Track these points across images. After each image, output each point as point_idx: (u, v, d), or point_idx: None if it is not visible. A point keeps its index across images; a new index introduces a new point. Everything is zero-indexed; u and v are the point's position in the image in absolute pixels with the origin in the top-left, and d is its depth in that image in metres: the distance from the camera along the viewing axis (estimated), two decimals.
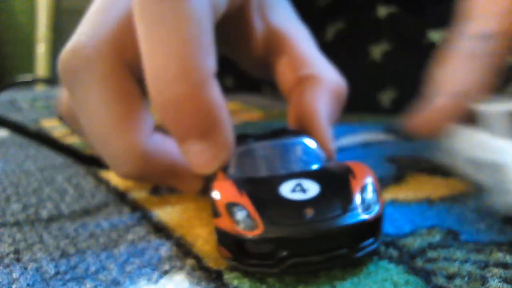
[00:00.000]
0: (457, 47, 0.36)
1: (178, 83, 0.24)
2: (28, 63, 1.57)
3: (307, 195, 0.23)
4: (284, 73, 0.36)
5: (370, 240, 0.23)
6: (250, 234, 0.21)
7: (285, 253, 0.21)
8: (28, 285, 0.22)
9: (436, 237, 0.26)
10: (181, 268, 0.23)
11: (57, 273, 0.23)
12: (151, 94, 0.25)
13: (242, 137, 0.30)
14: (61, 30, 1.61)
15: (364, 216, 0.22)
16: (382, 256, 0.24)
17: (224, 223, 0.22)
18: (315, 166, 0.27)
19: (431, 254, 0.24)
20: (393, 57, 0.59)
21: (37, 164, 0.44)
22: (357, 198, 0.23)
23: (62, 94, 0.33)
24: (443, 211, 0.29)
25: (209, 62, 0.26)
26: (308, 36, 0.39)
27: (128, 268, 0.24)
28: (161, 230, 0.28)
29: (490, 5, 0.36)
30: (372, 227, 0.23)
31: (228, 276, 0.23)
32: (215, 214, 0.23)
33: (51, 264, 0.24)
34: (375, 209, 0.23)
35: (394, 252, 0.24)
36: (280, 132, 0.31)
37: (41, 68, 1.50)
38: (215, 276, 0.23)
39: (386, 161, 0.41)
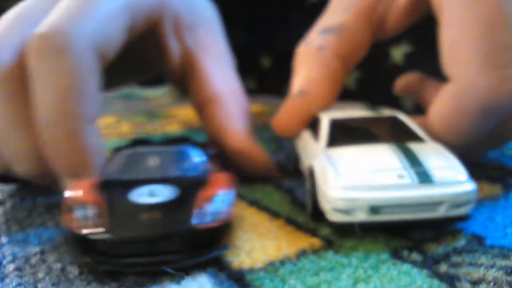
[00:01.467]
0: (307, 42, 0.37)
1: (54, 126, 0.28)
2: None
3: (154, 200, 0.24)
4: (192, 93, 0.40)
5: (208, 248, 0.23)
6: (88, 232, 0.22)
7: (113, 253, 0.22)
8: (53, 284, 0.23)
9: (461, 242, 0.25)
10: (203, 269, 0.23)
11: (81, 273, 0.24)
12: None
13: (139, 142, 0.31)
14: None
15: (200, 225, 0.23)
16: (406, 260, 0.24)
17: (68, 220, 0.23)
18: (187, 174, 0.28)
19: (456, 259, 0.24)
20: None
21: None
22: (200, 207, 0.24)
23: None
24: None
25: (88, 108, 0.29)
26: (223, 55, 0.41)
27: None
28: None
29: (336, 1, 0.39)
30: (210, 236, 0.23)
31: (250, 277, 0.23)
32: (64, 211, 0.24)
33: (75, 265, 0.24)
34: (215, 219, 0.23)
35: (418, 257, 0.24)
36: (176, 140, 0.32)
37: None
38: (237, 277, 0.23)
39: None
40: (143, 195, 0.24)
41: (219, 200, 0.24)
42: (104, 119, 0.77)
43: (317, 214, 0.28)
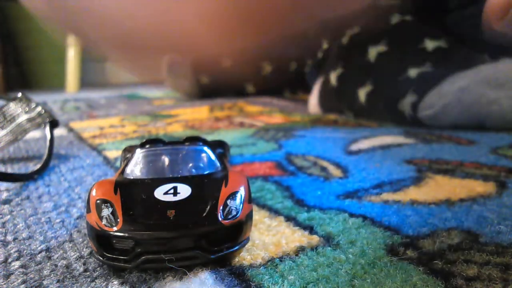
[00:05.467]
0: None
1: None
2: (60, 67, 1.61)
3: (176, 198, 0.25)
4: None
5: (227, 244, 0.24)
6: (109, 230, 0.23)
7: (139, 250, 0.23)
8: (58, 281, 0.23)
9: (456, 239, 0.26)
10: (205, 265, 0.24)
11: (85, 270, 0.24)
12: None
13: (151, 141, 0.32)
14: None
15: (226, 221, 0.24)
16: (402, 257, 0.24)
17: (91, 218, 0.24)
18: (204, 172, 0.28)
19: (451, 256, 0.24)
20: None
21: (67, 165, 0.46)
22: (220, 204, 0.24)
23: None
24: (463, 212, 0.29)
25: None
26: None
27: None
28: None
29: None
30: (235, 230, 0.24)
31: (250, 273, 0.23)
32: (87, 209, 0.24)
33: (80, 262, 0.25)
34: (235, 216, 0.24)
35: (413, 254, 0.24)
36: (189, 139, 0.33)
37: (71, 71, 1.54)
38: (237, 273, 0.23)
39: (405, 163, 0.41)
40: (167, 193, 0.25)
41: (240, 196, 0.25)
42: (108, 119, 0.78)
43: None
